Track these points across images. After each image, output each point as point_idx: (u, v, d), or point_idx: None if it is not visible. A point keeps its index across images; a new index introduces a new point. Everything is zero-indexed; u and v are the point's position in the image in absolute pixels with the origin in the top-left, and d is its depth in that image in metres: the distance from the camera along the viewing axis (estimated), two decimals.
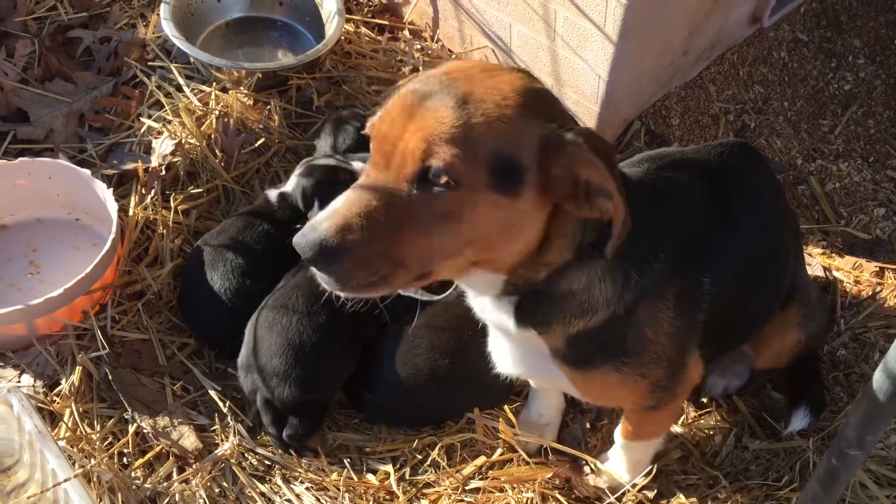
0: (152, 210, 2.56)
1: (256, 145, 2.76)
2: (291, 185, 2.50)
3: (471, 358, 2.13)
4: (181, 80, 2.89)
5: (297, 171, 2.51)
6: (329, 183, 2.44)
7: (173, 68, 2.92)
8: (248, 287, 2.35)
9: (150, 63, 2.97)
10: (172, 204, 2.56)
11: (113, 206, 2.40)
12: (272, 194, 2.52)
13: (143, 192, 2.60)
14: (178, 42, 2.82)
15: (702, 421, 2.20)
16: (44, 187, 2.55)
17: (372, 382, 2.15)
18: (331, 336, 2.13)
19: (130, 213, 2.52)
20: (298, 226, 2.32)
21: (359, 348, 2.22)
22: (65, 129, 2.82)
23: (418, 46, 3.11)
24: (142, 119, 2.80)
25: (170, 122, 2.77)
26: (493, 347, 1.78)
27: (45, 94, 2.87)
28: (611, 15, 2.40)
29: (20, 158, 2.51)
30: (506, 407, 2.14)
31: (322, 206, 2.39)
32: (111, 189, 2.44)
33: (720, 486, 2.05)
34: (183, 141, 2.67)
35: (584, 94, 2.71)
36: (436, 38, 3.15)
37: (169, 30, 2.84)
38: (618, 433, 1.94)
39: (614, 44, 2.46)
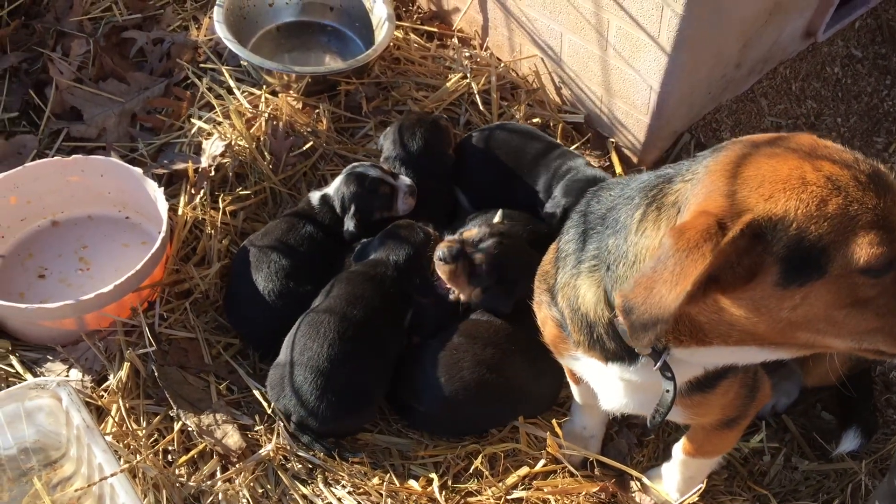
0: (201, 210, 2.58)
1: (304, 148, 2.77)
2: (333, 188, 2.51)
3: (516, 371, 2.12)
4: (232, 83, 2.92)
5: (342, 174, 2.52)
6: (368, 192, 2.45)
7: (224, 71, 2.95)
8: (291, 289, 2.35)
9: (202, 65, 3.00)
10: (221, 205, 2.57)
11: (163, 206, 2.42)
12: (314, 197, 2.54)
13: (193, 192, 2.62)
14: (231, 45, 2.85)
15: (750, 439, 2.15)
16: (96, 185, 2.58)
17: (419, 395, 2.15)
18: (362, 362, 2.14)
19: (180, 212, 2.54)
20: (350, 230, 2.39)
21: (391, 369, 2.21)
22: (117, 129, 2.86)
23: (467, 54, 3.11)
24: (192, 120, 2.83)
25: (220, 123, 2.80)
26: (595, 385, 1.74)
27: (98, 93, 2.91)
28: (665, 26, 2.38)
29: (74, 156, 2.54)
30: (553, 421, 2.12)
31: (358, 213, 2.44)
32: (162, 188, 2.47)
33: None
34: (233, 143, 2.69)
35: (634, 104, 2.68)
36: (485, 46, 3.14)
37: (222, 32, 2.87)
38: (678, 449, 1.90)
39: (668, 54, 2.44)
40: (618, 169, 2.84)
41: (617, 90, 2.72)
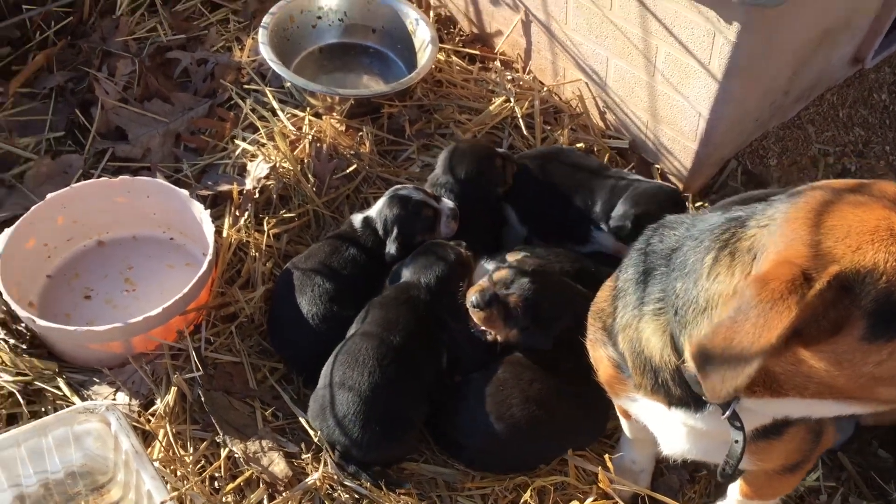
0: (245, 232, 2.58)
1: (348, 171, 2.76)
2: (376, 210, 2.50)
3: (565, 406, 2.10)
4: (275, 104, 2.92)
5: (384, 196, 2.51)
6: (411, 215, 2.44)
7: (268, 92, 2.96)
8: (335, 313, 2.34)
9: (246, 86, 3.01)
10: (266, 227, 2.57)
11: (210, 228, 2.42)
12: (357, 219, 2.53)
13: (237, 213, 2.62)
14: (276, 67, 2.86)
15: (806, 478, 2.11)
16: (142, 206, 2.59)
17: (465, 431, 2.12)
18: (402, 388, 2.12)
19: (224, 234, 2.54)
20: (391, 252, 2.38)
21: (428, 393, 2.18)
22: (161, 149, 2.87)
23: (509, 77, 3.10)
24: (236, 141, 2.84)
25: (264, 145, 2.80)
26: (655, 429, 1.70)
27: (143, 113, 2.92)
28: (717, 53, 2.35)
29: (121, 177, 2.55)
30: (606, 456, 2.08)
31: (400, 236, 2.42)
32: (207, 210, 2.47)
33: None
34: (277, 165, 2.69)
35: (681, 131, 2.66)
36: (527, 69, 3.13)
37: (267, 54, 2.88)
38: (734, 490, 1.86)
39: (718, 82, 2.41)
40: None
41: (664, 116, 2.69)
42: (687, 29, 2.39)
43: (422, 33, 3.07)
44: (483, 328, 2.16)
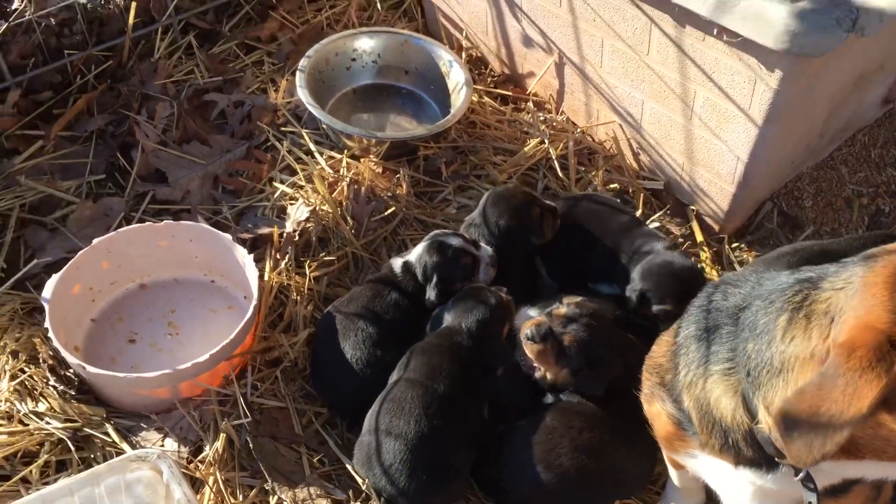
0: (286, 275, 2.60)
1: (386, 213, 2.79)
2: (415, 255, 2.51)
3: (614, 454, 2.10)
4: (312, 146, 2.96)
5: (424, 242, 2.53)
6: (450, 261, 2.45)
7: (304, 134, 2.99)
8: (378, 357, 2.35)
9: (282, 128, 3.05)
10: (307, 271, 2.59)
11: (253, 272, 2.44)
12: (396, 264, 2.54)
13: (278, 256, 2.64)
14: (314, 110, 2.89)
15: None
16: (184, 249, 2.62)
17: (513, 479, 2.12)
18: (448, 436, 2.12)
19: (266, 277, 2.56)
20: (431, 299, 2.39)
21: (473, 439, 2.19)
22: (200, 191, 2.90)
23: (542, 118, 3.13)
24: (274, 184, 2.87)
25: (302, 187, 2.83)
26: (717, 486, 1.70)
27: (182, 155, 2.96)
28: (757, 99, 2.38)
29: (165, 221, 2.58)
30: None
31: (440, 284, 2.44)
32: (251, 255, 2.49)
33: None
34: (317, 208, 2.72)
35: (719, 174, 2.68)
36: (560, 110, 3.16)
37: (305, 98, 2.92)
38: None
39: (758, 127, 2.43)
40: (699, 237, 2.82)
41: (700, 159, 2.71)
42: (727, 75, 2.42)
43: (455, 75, 3.11)
44: (534, 363, 2.17)
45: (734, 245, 2.83)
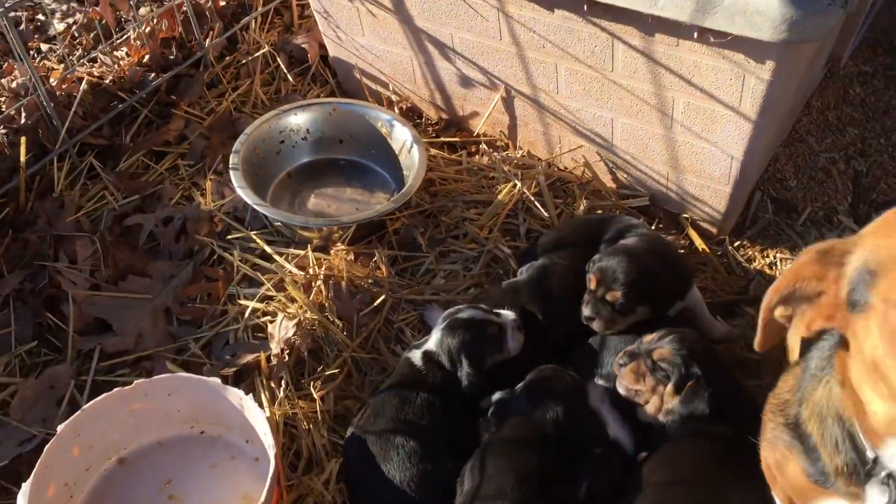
0: (289, 405, 2.26)
1: (376, 304, 2.49)
2: (434, 342, 2.24)
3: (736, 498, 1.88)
4: (267, 249, 2.62)
5: (440, 324, 2.26)
6: (476, 338, 2.19)
7: (254, 237, 2.66)
8: (431, 472, 2.05)
9: (227, 236, 2.70)
10: (314, 392, 2.26)
11: (257, 413, 2.09)
12: (415, 356, 2.25)
13: (273, 385, 2.30)
14: (264, 210, 2.57)
15: None
16: (162, 406, 2.23)
17: None
18: None
19: (266, 413, 2.21)
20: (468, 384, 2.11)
21: None
22: (154, 331, 2.51)
23: (501, 157, 2.91)
24: (239, 301, 2.51)
25: (272, 297, 2.49)
26: None
27: (121, 295, 2.56)
28: (748, 94, 2.24)
29: (136, 382, 2.18)
30: None
31: (472, 364, 2.18)
32: (250, 395, 2.13)
33: None
34: (301, 319, 2.39)
35: (711, 177, 2.53)
36: (517, 146, 2.95)
37: (250, 198, 2.58)
38: None
39: (752, 121, 2.30)
40: (699, 244, 2.67)
41: (687, 165, 2.57)
42: (710, 76, 2.27)
43: (399, 134, 2.85)
44: (634, 393, 2.03)
45: (736, 244, 2.70)
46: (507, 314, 2.26)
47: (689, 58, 2.26)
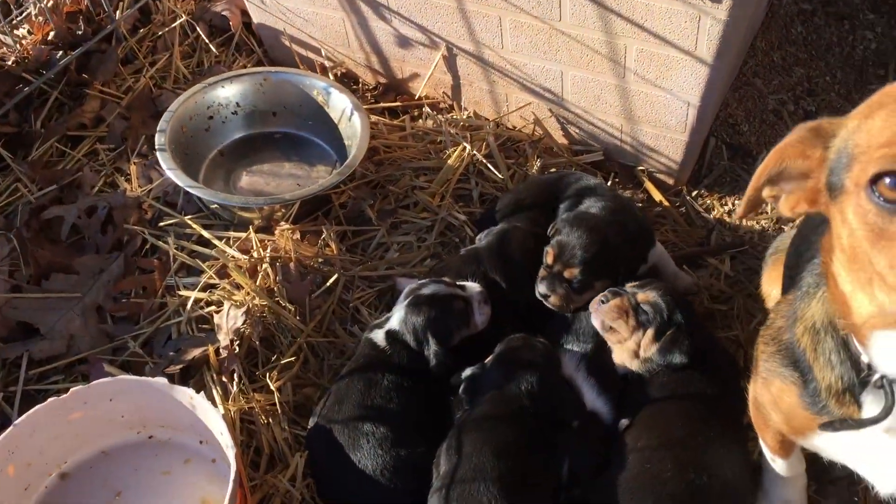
0: (244, 399, 2.10)
1: (328, 284, 2.33)
2: (398, 320, 2.10)
3: (724, 465, 1.81)
4: (205, 233, 2.43)
5: (402, 301, 2.12)
6: (442, 313, 2.07)
7: (189, 221, 2.46)
8: (405, 458, 1.93)
9: (159, 224, 2.49)
10: (270, 383, 2.10)
11: (211, 412, 1.92)
12: (378, 336, 2.11)
13: (224, 379, 2.13)
14: (198, 191, 2.38)
15: None
16: (104, 413, 2.04)
17: None
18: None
19: (221, 410, 2.05)
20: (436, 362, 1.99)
21: None
22: (86, 331, 2.30)
23: (447, 120, 2.76)
24: (179, 292, 2.33)
25: (215, 286, 2.31)
26: (869, 464, 1.45)
27: (46, 295, 2.34)
28: (704, 36, 2.15)
29: (73, 389, 1.98)
30: None
31: (439, 342, 2.05)
32: (201, 393, 1.96)
33: None
34: (250, 306, 2.22)
35: (667, 126, 2.44)
36: (462, 106, 2.81)
37: (183, 181, 2.38)
38: None
39: (709, 65, 2.21)
40: (657, 196, 2.59)
41: (642, 115, 2.47)
42: (663, 20, 2.17)
43: (337, 102, 2.67)
44: (610, 325, 1.95)
45: (694, 193, 2.63)
46: (473, 286, 2.14)
47: (641, 1, 2.15)
